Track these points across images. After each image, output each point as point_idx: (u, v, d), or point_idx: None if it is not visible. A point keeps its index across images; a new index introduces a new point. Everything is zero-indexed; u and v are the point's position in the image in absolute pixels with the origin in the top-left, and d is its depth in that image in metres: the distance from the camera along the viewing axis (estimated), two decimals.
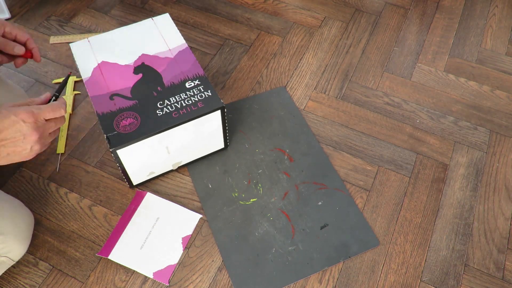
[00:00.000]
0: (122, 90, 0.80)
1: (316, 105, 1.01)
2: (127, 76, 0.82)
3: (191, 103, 0.79)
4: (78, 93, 1.01)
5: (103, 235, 0.82)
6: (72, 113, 0.98)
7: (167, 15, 0.92)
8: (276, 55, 1.11)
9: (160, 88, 0.80)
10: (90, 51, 0.85)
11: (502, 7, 1.23)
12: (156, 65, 0.83)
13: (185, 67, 0.84)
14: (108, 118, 0.76)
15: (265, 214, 0.83)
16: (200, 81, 0.82)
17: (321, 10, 1.22)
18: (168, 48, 0.86)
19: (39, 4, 1.21)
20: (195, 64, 0.84)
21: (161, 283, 0.77)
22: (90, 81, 0.81)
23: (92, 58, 0.84)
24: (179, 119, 0.77)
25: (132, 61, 0.84)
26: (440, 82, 1.06)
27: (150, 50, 0.86)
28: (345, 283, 0.77)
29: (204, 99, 0.79)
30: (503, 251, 0.81)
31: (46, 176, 0.89)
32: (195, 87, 0.81)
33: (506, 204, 0.87)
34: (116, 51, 0.85)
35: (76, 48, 0.86)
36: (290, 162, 0.90)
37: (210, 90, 0.80)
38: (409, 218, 0.85)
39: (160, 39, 0.87)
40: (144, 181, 0.87)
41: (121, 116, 0.77)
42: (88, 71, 0.82)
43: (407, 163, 0.92)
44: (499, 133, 0.97)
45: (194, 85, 0.81)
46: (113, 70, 0.83)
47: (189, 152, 0.86)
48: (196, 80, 0.82)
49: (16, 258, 0.74)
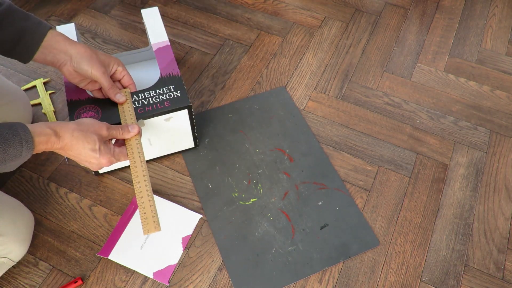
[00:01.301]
0: None
1: (316, 105, 1.01)
2: None
3: (158, 101, 0.79)
4: (53, 92, 1.01)
5: (103, 235, 0.82)
6: (55, 110, 0.98)
7: (156, 8, 0.92)
8: (276, 55, 1.11)
9: None
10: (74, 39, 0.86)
11: (502, 7, 1.23)
12: None
13: (162, 65, 0.84)
14: (74, 106, 0.77)
15: (265, 214, 0.83)
16: (172, 81, 0.82)
17: (321, 10, 1.22)
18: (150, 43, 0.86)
19: (39, 4, 1.21)
20: (172, 63, 0.84)
21: (161, 283, 0.77)
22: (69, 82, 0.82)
23: None
24: (142, 115, 0.77)
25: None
26: (440, 82, 1.06)
27: None
28: (345, 283, 0.77)
29: (172, 99, 0.79)
30: (503, 251, 0.81)
31: (46, 176, 0.89)
32: (166, 87, 0.81)
33: (506, 204, 0.87)
34: None
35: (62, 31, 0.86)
36: (290, 162, 0.90)
37: (180, 91, 0.80)
38: (409, 218, 0.85)
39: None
40: (110, 171, 0.88)
41: (83, 109, 0.77)
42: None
43: (407, 163, 0.92)
44: (499, 133, 0.97)
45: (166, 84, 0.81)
46: None
47: (155, 149, 0.87)
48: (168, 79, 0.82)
49: (17, 259, 0.74)
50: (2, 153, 0.57)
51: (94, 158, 0.66)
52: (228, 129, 0.95)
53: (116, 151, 0.70)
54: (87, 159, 0.67)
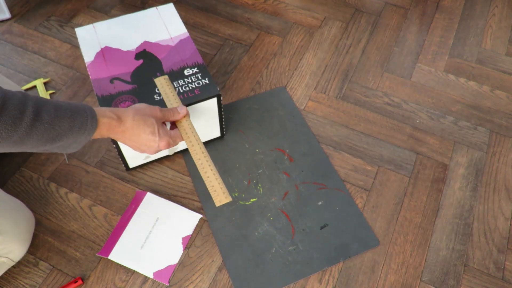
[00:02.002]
0: (123, 74, 0.82)
1: (316, 105, 1.01)
2: (128, 61, 0.84)
3: (188, 89, 0.81)
4: (53, 92, 1.01)
5: (103, 235, 0.82)
6: None
7: (171, 4, 0.94)
8: (276, 55, 1.11)
9: (159, 74, 0.82)
10: (94, 36, 0.88)
11: (502, 7, 1.23)
12: (157, 52, 0.86)
13: (185, 55, 0.86)
14: (107, 101, 0.78)
15: (265, 214, 0.83)
16: (198, 69, 0.83)
17: (321, 10, 1.22)
18: (170, 36, 0.88)
19: (39, 4, 1.21)
20: (195, 53, 0.86)
21: (161, 283, 0.77)
22: (92, 65, 0.84)
23: (96, 43, 0.87)
24: None
25: (134, 47, 0.86)
26: (440, 82, 1.06)
27: (152, 38, 0.88)
28: (345, 283, 0.77)
29: (201, 86, 0.81)
30: (503, 251, 0.81)
31: (46, 176, 0.89)
32: (193, 75, 0.83)
33: (506, 204, 0.87)
34: (119, 37, 0.88)
35: (81, 32, 0.89)
36: (290, 162, 0.90)
37: (207, 78, 0.82)
38: (409, 218, 0.85)
39: (163, 27, 0.90)
40: (141, 165, 0.89)
41: (120, 99, 0.79)
42: (91, 55, 0.85)
43: (407, 163, 0.92)
44: (499, 133, 0.97)
45: (193, 72, 0.83)
46: (115, 55, 0.85)
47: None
48: (194, 68, 0.83)
49: (17, 259, 0.74)
50: (70, 122, 0.57)
51: (154, 141, 0.68)
52: (228, 129, 0.95)
53: (172, 133, 0.71)
54: (146, 142, 0.67)
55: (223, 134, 0.92)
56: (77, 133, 0.59)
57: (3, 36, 1.13)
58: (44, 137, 0.55)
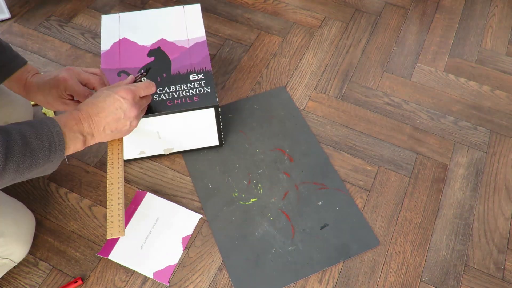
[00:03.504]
0: (131, 69, 0.83)
1: (316, 105, 1.01)
2: (141, 56, 0.85)
3: (188, 95, 0.81)
4: None
5: (103, 235, 0.82)
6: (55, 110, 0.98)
7: (198, 5, 0.95)
8: (276, 55, 1.11)
9: (165, 75, 0.83)
10: (117, 26, 0.89)
11: (502, 7, 1.23)
12: (170, 52, 0.86)
13: (196, 59, 0.86)
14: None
15: (265, 214, 0.83)
16: (204, 76, 0.83)
17: (321, 10, 1.22)
18: (187, 38, 0.89)
19: (39, 4, 1.21)
20: (206, 58, 0.86)
21: (161, 283, 0.77)
22: (106, 54, 0.85)
23: (116, 33, 0.88)
24: (171, 108, 0.79)
25: (150, 43, 0.87)
26: (440, 82, 1.06)
27: (169, 36, 0.89)
28: (345, 283, 0.77)
29: (201, 94, 0.81)
30: (503, 251, 0.81)
31: (46, 176, 0.89)
32: (197, 81, 0.83)
33: (506, 204, 0.87)
34: (140, 30, 0.89)
35: (106, 20, 0.90)
36: (290, 162, 0.90)
37: (210, 87, 0.82)
38: (409, 218, 0.85)
39: (183, 27, 0.90)
40: (135, 159, 0.89)
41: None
42: (108, 44, 0.87)
43: (407, 163, 0.92)
44: (499, 133, 0.97)
45: (197, 78, 0.83)
46: (130, 48, 0.87)
47: (181, 142, 0.88)
48: (201, 74, 0.84)
49: (18, 260, 0.74)
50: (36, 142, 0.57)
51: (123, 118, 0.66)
52: (228, 129, 0.95)
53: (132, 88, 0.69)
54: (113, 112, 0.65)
55: (221, 143, 0.91)
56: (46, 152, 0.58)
57: (3, 36, 1.13)
58: (20, 168, 0.55)
